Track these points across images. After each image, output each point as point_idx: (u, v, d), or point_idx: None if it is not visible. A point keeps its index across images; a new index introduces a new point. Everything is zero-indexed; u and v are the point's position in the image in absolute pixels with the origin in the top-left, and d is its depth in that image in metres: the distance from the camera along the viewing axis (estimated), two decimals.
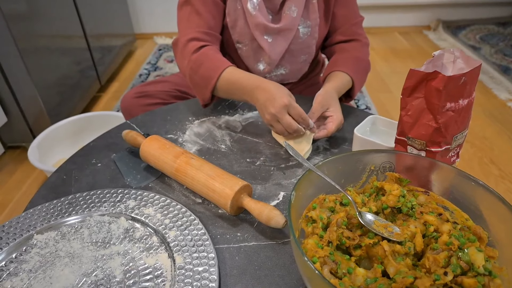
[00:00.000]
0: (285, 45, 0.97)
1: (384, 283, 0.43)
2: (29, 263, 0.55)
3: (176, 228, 0.60)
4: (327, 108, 0.83)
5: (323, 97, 0.83)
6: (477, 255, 0.44)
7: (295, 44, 0.99)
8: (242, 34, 0.96)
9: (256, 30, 0.94)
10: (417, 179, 0.56)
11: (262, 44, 0.95)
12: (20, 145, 1.80)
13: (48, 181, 0.73)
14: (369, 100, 2.22)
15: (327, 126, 0.81)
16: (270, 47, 0.96)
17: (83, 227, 0.61)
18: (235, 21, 0.96)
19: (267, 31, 0.95)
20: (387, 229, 0.50)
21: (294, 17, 0.94)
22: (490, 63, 2.58)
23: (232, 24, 0.96)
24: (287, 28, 0.95)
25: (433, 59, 0.58)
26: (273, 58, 0.98)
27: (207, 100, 0.91)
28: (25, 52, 1.54)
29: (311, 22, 0.97)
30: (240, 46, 0.99)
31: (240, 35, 0.97)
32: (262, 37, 0.95)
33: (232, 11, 0.95)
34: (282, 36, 0.96)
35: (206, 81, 0.88)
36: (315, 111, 0.82)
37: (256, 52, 0.99)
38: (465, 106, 0.57)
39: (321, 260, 0.46)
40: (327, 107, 0.83)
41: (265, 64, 1.00)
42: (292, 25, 0.95)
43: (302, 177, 0.52)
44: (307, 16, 0.96)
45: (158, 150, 0.72)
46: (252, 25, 0.94)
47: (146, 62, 2.74)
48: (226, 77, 0.86)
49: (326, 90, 0.86)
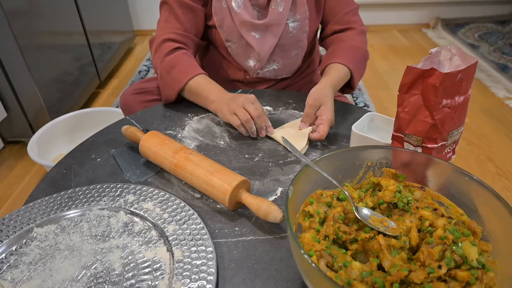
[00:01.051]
0: (274, 40, 0.97)
1: (379, 276, 0.44)
2: (29, 255, 0.56)
3: (175, 223, 0.60)
4: (319, 107, 0.83)
5: (313, 98, 0.83)
6: (471, 249, 0.45)
7: (285, 39, 0.99)
8: (230, 32, 0.97)
9: (242, 27, 0.95)
10: (413, 175, 0.57)
11: (249, 41, 0.96)
12: (20, 140, 1.80)
13: (48, 175, 0.74)
14: (368, 98, 2.22)
15: (319, 129, 0.80)
16: (258, 43, 0.97)
17: (83, 220, 0.62)
18: (222, 20, 0.96)
19: (254, 27, 0.95)
20: (383, 224, 0.50)
21: (280, 12, 0.94)
22: (489, 61, 2.59)
23: (220, 23, 0.97)
24: (274, 23, 0.95)
25: (430, 56, 0.59)
26: (262, 54, 0.98)
27: (171, 100, 0.96)
28: (25, 48, 1.54)
29: (300, 15, 0.97)
30: (229, 44, 1.00)
31: (228, 34, 0.98)
32: (249, 34, 0.96)
33: (219, 10, 0.95)
34: (270, 32, 0.96)
35: (174, 83, 0.92)
36: (308, 115, 0.83)
37: (246, 50, 0.99)
38: (461, 102, 0.58)
39: (318, 253, 0.47)
40: (318, 106, 0.83)
41: (255, 61, 1.01)
42: (279, 20, 0.95)
43: (299, 172, 0.53)
44: (295, 10, 0.96)
45: (158, 145, 0.72)
46: (238, 22, 0.94)
47: (146, 58, 2.74)
48: (194, 84, 0.91)
49: (319, 87, 0.86)
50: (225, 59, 1.06)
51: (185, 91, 0.94)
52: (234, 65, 1.05)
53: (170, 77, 0.93)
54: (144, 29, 3.14)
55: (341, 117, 0.92)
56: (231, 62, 1.06)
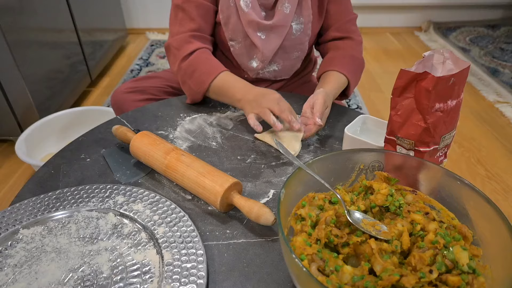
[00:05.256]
0: (278, 41, 0.97)
1: (370, 281, 0.43)
2: (14, 257, 0.54)
3: (165, 225, 0.60)
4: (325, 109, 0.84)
5: (323, 98, 0.83)
6: (462, 254, 0.45)
7: (288, 40, 0.99)
8: (235, 31, 0.96)
9: (249, 27, 0.94)
10: (405, 178, 0.57)
11: (255, 41, 0.95)
12: (8, 139, 1.77)
13: (36, 175, 0.72)
14: (360, 100, 2.23)
15: (307, 128, 0.82)
16: (263, 44, 0.96)
17: (71, 222, 0.60)
18: (228, 18, 0.95)
19: (260, 28, 0.95)
20: (375, 228, 0.50)
21: (286, 14, 0.94)
22: (479, 65, 2.62)
23: (225, 21, 0.96)
24: (280, 24, 0.95)
25: (423, 60, 0.59)
26: (266, 55, 0.98)
27: (198, 101, 0.96)
28: (13, 45, 1.51)
29: (304, 18, 0.97)
30: (233, 43, 0.99)
31: (233, 33, 0.97)
32: (255, 34, 0.95)
33: (225, 9, 0.94)
34: (275, 32, 0.96)
35: (198, 87, 0.92)
36: (317, 111, 0.82)
37: (249, 49, 0.99)
38: (454, 106, 0.58)
39: (309, 257, 0.46)
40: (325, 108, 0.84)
41: (258, 61, 1.00)
42: (284, 22, 0.95)
43: (292, 175, 0.52)
44: (300, 12, 0.96)
45: (149, 146, 0.71)
46: (244, 22, 0.94)
47: (138, 57, 2.72)
48: (217, 84, 0.90)
49: (326, 92, 0.86)
50: (225, 57, 1.05)
51: (210, 93, 0.93)
52: (235, 65, 1.04)
53: (193, 81, 0.91)
54: (137, 27, 3.11)
55: (334, 119, 0.92)
56: (231, 61, 1.05)
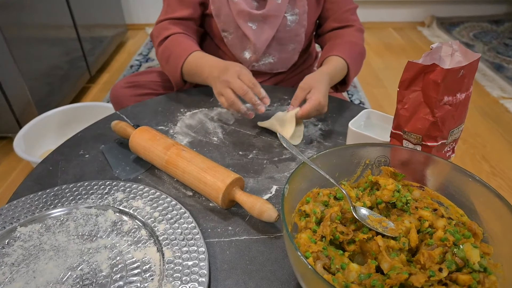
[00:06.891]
0: (271, 32, 0.95)
1: (378, 279, 0.42)
2: (12, 256, 0.53)
3: (165, 222, 0.58)
4: (309, 91, 0.80)
5: (305, 82, 0.81)
6: (473, 252, 0.43)
7: (282, 32, 0.97)
8: (226, 22, 0.95)
9: (240, 17, 0.93)
10: (412, 174, 0.56)
11: (246, 31, 0.94)
12: (6, 136, 1.75)
13: (34, 172, 0.71)
14: (363, 95, 2.21)
15: (302, 107, 0.78)
16: (254, 34, 0.95)
17: (69, 219, 0.59)
18: (219, 9, 0.94)
19: (251, 18, 0.93)
20: (382, 224, 0.49)
21: (278, 4, 0.93)
22: (483, 61, 2.59)
23: (217, 12, 0.95)
24: (271, 14, 0.93)
25: (431, 52, 0.57)
26: (258, 46, 0.96)
27: (181, 86, 0.96)
28: (12, 41, 1.50)
29: (299, 9, 0.95)
30: (226, 34, 0.98)
31: (225, 24, 0.96)
32: (246, 25, 0.94)
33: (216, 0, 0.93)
34: (268, 23, 0.95)
35: (174, 72, 0.92)
36: (296, 97, 0.80)
37: (242, 41, 0.98)
38: (463, 100, 0.56)
39: (314, 255, 0.45)
40: (309, 89, 0.80)
41: (251, 53, 0.99)
42: (277, 12, 0.93)
43: (295, 170, 0.51)
44: (295, 3, 0.95)
45: (148, 141, 0.70)
46: (235, 12, 0.93)
47: (138, 53, 2.70)
48: (187, 67, 0.90)
49: (314, 73, 0.84)
50: (221, 50, 1.04)
51: (185, 75, 0.92)
52: (230, 57, 1.03)
53: (169, 66, 0.92)
54: (137, 23, 3.09)
55: (337, 114, 0.90)
56: (226, 54, 1.04)
